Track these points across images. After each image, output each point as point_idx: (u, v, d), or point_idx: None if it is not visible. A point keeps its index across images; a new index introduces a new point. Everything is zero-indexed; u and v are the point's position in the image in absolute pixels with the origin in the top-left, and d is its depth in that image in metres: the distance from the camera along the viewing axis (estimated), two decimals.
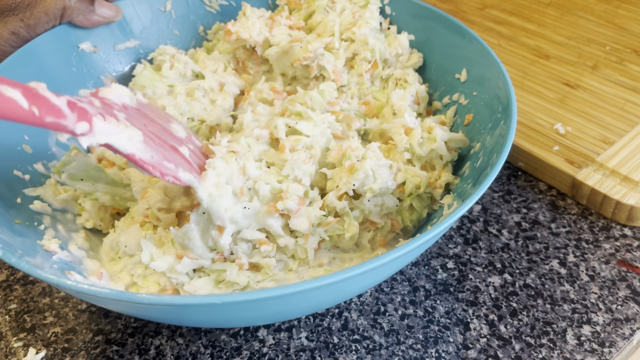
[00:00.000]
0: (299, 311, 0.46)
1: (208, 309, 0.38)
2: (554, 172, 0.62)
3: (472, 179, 0.50)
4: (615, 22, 0.85)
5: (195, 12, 0.72)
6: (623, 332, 0.49)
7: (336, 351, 0.49)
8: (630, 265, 0.55)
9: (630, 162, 0.61)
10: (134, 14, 0.68)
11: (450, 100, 0.61)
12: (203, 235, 0.48)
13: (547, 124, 0.67)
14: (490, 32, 0.85)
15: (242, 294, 0.35)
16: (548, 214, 0.60)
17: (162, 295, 0.36)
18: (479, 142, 0.53)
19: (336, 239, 0.52)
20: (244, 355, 0.49)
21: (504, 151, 0.45)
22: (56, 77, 0.61)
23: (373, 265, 0.36)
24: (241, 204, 0.49)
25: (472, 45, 0.58)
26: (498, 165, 0.44)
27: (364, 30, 0.63)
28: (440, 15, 0.63)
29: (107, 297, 0.36)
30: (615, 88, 0.72)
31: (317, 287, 0.35)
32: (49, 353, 0.50)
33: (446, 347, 0.49)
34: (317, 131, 0.54)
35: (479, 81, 0.57)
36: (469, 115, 0.57)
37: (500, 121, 0.50)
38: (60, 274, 0.45)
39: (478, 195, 0.41)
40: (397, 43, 0.65)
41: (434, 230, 0.39)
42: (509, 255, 0.56)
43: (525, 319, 0.51)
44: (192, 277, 0.49)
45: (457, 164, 0.56)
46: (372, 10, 0.65)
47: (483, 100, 0.56)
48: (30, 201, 0.52)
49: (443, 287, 0.54)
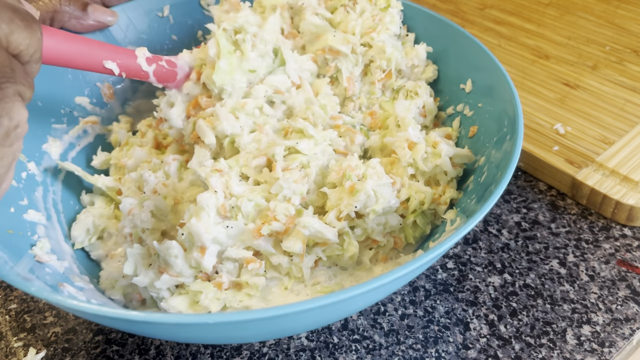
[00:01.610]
0: (287, 332, 0.45)
1: (175, 329, 0.37)
2: (553, 172, 0.62)
3: (476, 194, 0.49)
4: (615, 22, 0.85)
5: (193, 16, 0.70)
6: (623, 332, 0.49)
7: (336, 351, 0.49)
8: (630, 265, 0.55)
9: (630, 162, 0.61)
10: (131, 18, 0.66)
11: (454, 110, 0.60)
12: (187, 254, 0.48)
13: (547, 124, 0.67)
14: (490, 32, 0.86)
15: (210, 316, 0.34)
16: (548, 214, 0.60)
17: (130, 312, 0.35)
18: (483, 156, 0.52)
19: (335, 258, 0.51)
20: (244, 355, 0.49)
21: (510, 168, 0.43)
22: (52, 83, 0.60)
23: (369, 288, 0.35)
24: (224, 223, 0.48)
25: (478, 56, 0.57)
26: (503, 183, 0.42)
27: (383, 37, 0.61)
28: (446, 23, 0.61)
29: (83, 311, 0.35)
30: (615, 88, 0.72)
31: (305, 309, 0.34)
32: (49, 353, 0.50)
33: (446, 347, 0.49)
34: (317, 149, 0.53)
35: (485, 92, 0.56)
36: (473, 128, 0.56)
37: (507, 136, 0.49)
38: (52, 286, 0.44)
39: (483, 214, 0.40)
40: (415, 54, 0.62)
41: (437, 250, 0.37)
42: (508, 255, 0.56)
43: (525, 319, 0.51)
44: (173, 292, 0.48)
45: (461, 177, 0.55)
46: (393, 15, 0.62)
47: (489, 112, 0.54)
48: (24, 210, 0.51)
49: (443, 287, 0.54)
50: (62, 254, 0.52)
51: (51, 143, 0.59)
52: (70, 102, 0.62)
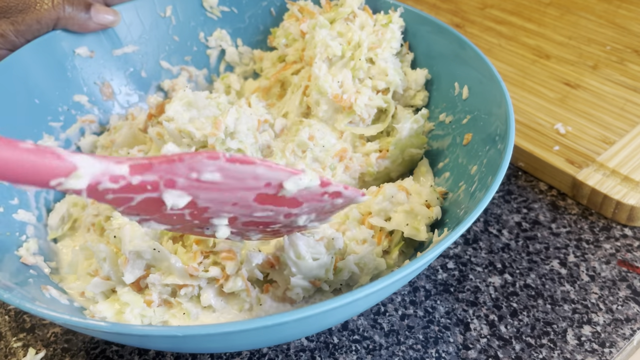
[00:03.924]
0: (248, 345, 0.44)
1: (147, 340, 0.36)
2: (554, 172, 0.62)
3: (465, 204, 0.48)
4: (615, 21, 0.85)
5: (195, 18, 0.70)
6: (623, 332, 0.49)
7: (336, 351, 0.49)
8: (630, 265, 0.55)
9: (631, 162, 0.61)
10: (133, 18, 0.66)
11: (453, 117, 0.58)
12: (114, 259, 0.46)
13: (547, 124, 0.67)
14: (491, 31, 0.85)
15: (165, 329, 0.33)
16: (548, 214, 0.60)
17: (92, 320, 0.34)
18: (475, 165, 0.51)
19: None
20: (244, 355, 0.49)
21: (499, 176, 0.43)
22: (51, 82, 0.60)
23: (344, 302, 0.34)
24: (150, 243, 0.45)
25: (474, 63, 0.56)
26: (490, 193, 0.42)
27: (386, 55, 0.60)
28: (443, 28, 0.60)
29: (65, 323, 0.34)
30: (615, 88, 0.72)
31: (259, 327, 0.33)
32: (49, 353, 0.50)
33: (446, 347, 0.49)
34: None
35: (480, 100, 0.55)
36: (467, 135, 0.55)
37: (497, 144, 0.48)
38: (35, 289, 0.44)
39: (467, 224, 0.39)
40: (414, 78, 0.62)
41: (417, 263, 0.37)
42: (509, 256, 0.56)
43: (526, 319, 0.51)
44: (109, 296, 0.48)
45: (452, 185, 0.54)
46: (394, 30, 0.62)
47: (483, 120, 0.53)
48: (14, 210, 0.51)
49: (443, 287, 0.54)
50: (51, 254, 0.52)
51: (46, 140, 0.58)
52: (69, 100, 0.62)
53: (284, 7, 0.71)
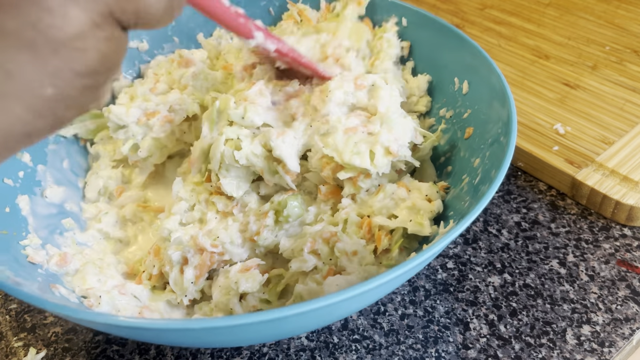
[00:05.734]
0: (246, 341, 0.45)
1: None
2: (553, 172, 0.62)
3: (469, 196, 0.48)
4: (615, 22, 0.85)
5: (194, 19, 0.70)
6: (623, 332, 0.49)
7: (336, 351, 0.49)
8: (629, 265, 0.55)
9: (630, 162, 0.61)
10: None
11: (454, 111, 0.59)
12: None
13: (546, 124, 0.67)
14: (490, 32, 0.86)
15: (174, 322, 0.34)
16: (548, 214, 0.60)
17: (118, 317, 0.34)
18: (478, 158, 0.51)
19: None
20: (244, 355, 0.49)
21: (503, 167, 0.43)
22: None
23: (345, 296, 0.34)
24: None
25: (474, 57, 0.56)
26: (496, 183, 0.42)
27: (386, 65, 0.60)
28: (443, 25, 0.60)
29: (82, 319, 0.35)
30: (614, 88, 0.72)
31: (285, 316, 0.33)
32: (50, 353, 0.50)
33: (446, 347, 0.49)
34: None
35: (481, 94, 0.55)
36: (469, 129, 0.55)
37: (500, 137, 0.48)
38: (45, 288, 0.44)
39: (474, 216, 0.40)
40: (416, 85, 0.61)
41: (424, 255, 0.37)
42: (508, 255, 0.56)
43: (525, 318, 0.51)
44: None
45: (455, 179, 0.54)
46: (389, 39, 0.62)
47: (484, 114, 0.54)
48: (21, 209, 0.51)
49: (443, 287, 0.54)
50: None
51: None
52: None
53: (283, 7, 0.71)
